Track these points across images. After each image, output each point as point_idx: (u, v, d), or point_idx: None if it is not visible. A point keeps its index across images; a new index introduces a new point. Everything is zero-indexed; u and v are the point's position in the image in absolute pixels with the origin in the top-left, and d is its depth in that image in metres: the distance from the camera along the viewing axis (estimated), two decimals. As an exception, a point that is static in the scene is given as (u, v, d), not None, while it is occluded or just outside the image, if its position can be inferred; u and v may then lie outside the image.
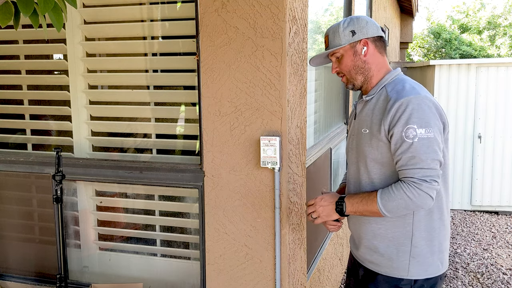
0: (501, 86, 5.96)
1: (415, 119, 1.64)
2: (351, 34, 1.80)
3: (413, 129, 1.63)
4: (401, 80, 1.79)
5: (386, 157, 1.73)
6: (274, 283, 2.21)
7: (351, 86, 1.87)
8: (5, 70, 2.80)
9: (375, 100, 1.79)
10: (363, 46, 1.80)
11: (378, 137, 1.72)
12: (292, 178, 2.22)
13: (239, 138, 2.17)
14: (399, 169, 1.68)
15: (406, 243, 1.76)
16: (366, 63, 1.81)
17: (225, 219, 2.25)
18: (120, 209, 2.69)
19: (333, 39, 1.83)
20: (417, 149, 1.63)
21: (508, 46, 20.98)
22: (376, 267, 1.83)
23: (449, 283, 4.08)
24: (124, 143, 2.68)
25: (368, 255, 1.85)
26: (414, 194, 1.62)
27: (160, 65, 2.55)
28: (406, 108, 1.65)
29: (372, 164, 1.77)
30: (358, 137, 1.83)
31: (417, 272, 1.76)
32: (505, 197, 6.09)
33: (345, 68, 1.84)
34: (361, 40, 1.80)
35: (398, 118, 1.65)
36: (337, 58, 1.85)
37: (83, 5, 2.53)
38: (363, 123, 1.81)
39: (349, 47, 1.81)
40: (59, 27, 1.41)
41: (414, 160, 1.63)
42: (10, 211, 2.76)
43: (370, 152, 1.76)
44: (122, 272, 2.66)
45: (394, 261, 1.77)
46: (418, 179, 1.62)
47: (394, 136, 1.67)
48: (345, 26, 1.81)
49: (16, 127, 2.86)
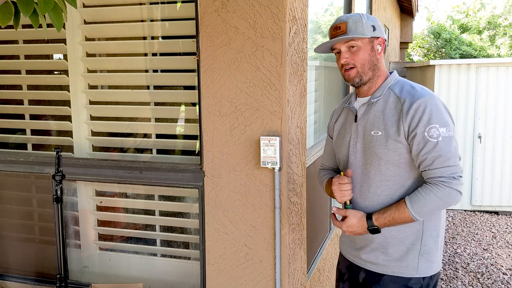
0: (501, 86, 5.96)
1: (436, 119, 1.65)
2: (372, 29, 1.76)
3: (436, 129, 1.65)
4: (404, 82, 1.80)
5: (403, 158, 1.72)
6: (274, 283, 2.21)
7: (358, 80, 1.78)
8: (5, 70, 2.80)
9: (383, 102, 1.77)
10: (379, 44, 1.78)
11: (396, 139, 1.70)
12: (292, 178, 2.22)
13: (239, 138, 2.17)
14: (425, 169, 1.68)
15: (416, 242, 1.76)
16: (378, 62, 1.80)
17: (225, 219, 2.25)
18: (120, 209, 2.69)
19: (355, 28, 1.74)
20: (442, 148, 1.64)
21: (508, 46, 20.99)
22: (382, 269, 1.81)
23: (449, 283, 4.08)
24: (124, 143, 2.68)
25: (373, 258, 1.82)
26: (445, 194, 1.64)
27: (160, 65, 2.55)
28: (425, 109, 1.66)
29: (386, 166, 1.74)
30: (367, 140, 1.79)
31: (425, 269, 1.77)
32: (505, 197, 6.09)
33: (359, 61, 1.75)
34: (379, 38, 1.78)
35: (419, 118, 1.66)
36: (351, 48, 1.76)
37: (83, 5, 2.53)
38: (372, 126, 1.77)
39: (368, 41, 1.76)
40: (59, 27, 1.41)
41: (441, 159, 1.64)
42: (10, 211, 2.76)
43: (385, 155, 1.73)
44: (122, 272, 2.66)
45: (404, 261, 1.77)
46: (447, 178, 1.64)
47: (417, 137, 1.66)
48: (367, 19, 1.76)
49: (16, 127, 2.86)
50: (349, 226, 1.79)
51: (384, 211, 1.74)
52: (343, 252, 2.00)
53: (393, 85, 1.79)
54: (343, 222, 1.81)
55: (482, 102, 6.01)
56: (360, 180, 1.83)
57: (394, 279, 1.78)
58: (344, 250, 1.99)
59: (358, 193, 1.84)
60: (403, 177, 1.74)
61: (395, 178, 1.75)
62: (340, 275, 2.03)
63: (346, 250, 1.97)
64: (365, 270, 1.86)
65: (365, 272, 1.86)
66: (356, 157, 1.84)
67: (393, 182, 1.75)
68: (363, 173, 1.81)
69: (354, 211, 1.80)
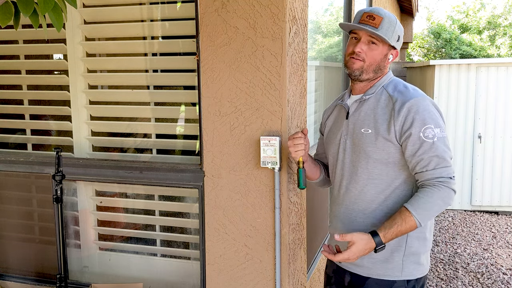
0: (501, 86, 5.96)
1: (430, 120, 1.66)
2: (397, 38, 1.79)
3: (431, 129, 1.65)
4: (398, 81, 1.82)
5: (393, 157, 1.72)
6: (274, 283, 2.21)
7: (358, 73, 1.77)
8: (5, 70, 2.80)
9: (375, 100, 1.78)
10: (392, 55, 1.81)
11: (386, 138, 1.71)
12: (292, 178, 2.22)
13: (239, 138, 2.17)
14: (421, 170, 1.67)
15: (401, 244, 1.75)
16: (384, 68, 1.82)
17: (225, 219, 2.25)
18: (120, 209, 2.69)
19: (387, 28, 1.74)
20: (438, 149, 1.65)
21: (508, 46, 20.98)
22: (366, 271, 1.79)
23: (449, 283, 4.08)
24: (124, 143, 2.68)
25: (358, 260, 1.76)
26: (445, 194, 1.64)
27: (160, 65, 2.55)
28: (418, 109, 1.66)
29: (375, 165, 1.75)
30: (356, 138, 1.79)
31: (411, 272, 1.76)
32: (505, 197, 6.09)
33: (371, 59, 1.76)
34: (396, 49, 1.81)
35: (412, 119, 1.66)
36: (371, 43, 1.75)
37: (83, 5, 2.53)
38: (362, 123, 1.78)
39: (387, 47, 1.78)
40: (59, 27, 1.41)
41: (438, 159, 1.65)
42: (10, 211, 2.76)
43: (374, 153, 1.74)
44: (122, 272, 2.66)
45: (389, 262, 1.76)
46: (445, 178, 1.65)
47: (412, 137, 1.66)
48: (398, 27, 1.79)
49: (16, 127, 2.86)
50: (356, 252, 1.64)
51: (389, 226, 1.65)
52: None
53: (387, 84, 1.81)
54: (347, 252, 1.65)
55: (482, 102, 6.01)
56: (348, 177, 1.83)
57: (379, 282, 1.78)
58: None
59: (345, 190, 1.84)
60: (391, 176, 1.75)
61: (382, 176, 1.75)
62: (327, 279, 2.02)
63: None
64: (349, 273, 1.85)
65: (350, 275, 1.85)
66: (345, 155, 1.84)
67: (380, 181, 1.75)
68: (351, 171, 1.82)
69: (359, 234, 1.65)
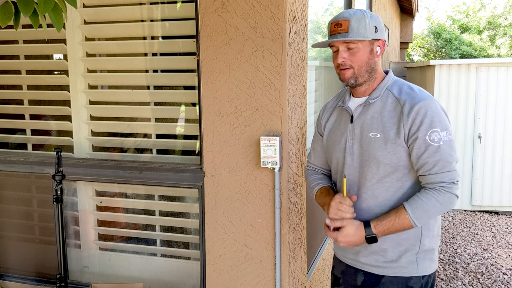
0: (501, 86, 5.96)
1: (437, 123, 1.64)
2: (374, 30, 1.70)
3: (437, 133, 1.64)
4: (402, 83, 1.78)
5: (402, 160, 1.70)
6: (274, 283, 2.21)
7: (353, 81, 1.73)
8: (5, 70, 2.80)
9: (381, 103, 1.74)
10: (379, 46, 1.73)
11: (396, 142, 1.68)
12: (292, 178, 2.22)
13: (239, 138, 2.17)
14: (425, 173, 1.66)
15: (415, 243, 1.75)
16: (376, 64, 1.75)
17: (225, 219, 2.25)
18: (120, 209, 2.69)
19: (358, 28, 1.67)
20: (443, 152, 1.64)
21: (508, 46, 20.99)
22: (381, 270, 1.79)
23: (449, 283, 4.08)
24: (124, 143, 2.68)
25: (373, 261, 1.79)
26: (445, 199, 1.64)
27: (160, 65, 2.55)
28: (426, 112, 1.64)
29: (385, 169, 1.72)
30: (365, 142, 1.75)
31: (425, 268, 1.77)
32: (505, 197, 6.09)
33: (357, 62, 1.70)
34: (380, 40, 1.73)
35: (420, 121, 1.64)
36: (349, 48, 1.69)
37: (83, 5, 2.53)
38: (369, 128, 1.74)
39: (368, 43, 1.70)
40: (59, 27, 1.41)
41: (442, 163, 1.64)
42: (10, 211, 2.76)
43: (385, 157, 1.71)
44: (122, 272, 2.66)
45: (404, 261, 1.76)
46: (448, 183, 1.64)
47: (418, 140, 1.65)
48: (370, 19, 1.68)
49: (16, 127, 2.86)
50: (345, 235, 1.72)
51: (382, 218, 1.69)
52: (338, 256, 1.96)
53: (391, 85, 1.76)
54: (339, 232, 1.73)
55: (482, 102, 6.01)
56: (357, 182, 1.80)
57: (394, 280, 1.77)
58: (339, 254, 1.95)
59: (355, 195, 1.81)
60: (400, 180, 1.73)
61: (392, 180, 1.73)
62: (335, 280, 2.00)
63: (341, 254, 1.93)
64: (363, 272, 1.84)
65: (364, 275, 1.84)
66: (353, 159, 1.80)
67: (391, 184, 1.73)
68: (360, 175, 1.79)
69: (351, 220, 1.73)
